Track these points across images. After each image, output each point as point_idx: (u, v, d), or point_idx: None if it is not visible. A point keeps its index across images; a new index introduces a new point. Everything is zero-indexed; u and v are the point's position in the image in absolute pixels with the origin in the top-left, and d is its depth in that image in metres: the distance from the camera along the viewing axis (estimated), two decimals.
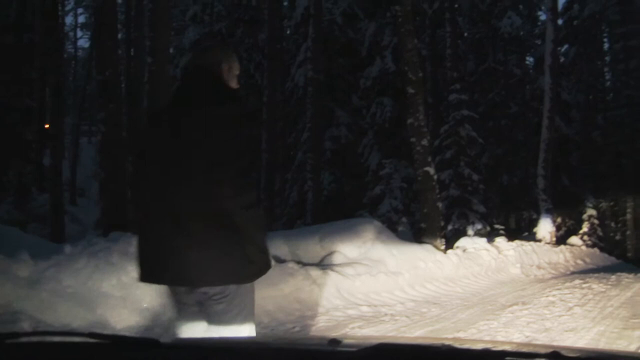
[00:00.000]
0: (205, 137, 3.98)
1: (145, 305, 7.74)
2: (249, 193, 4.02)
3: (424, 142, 16.52)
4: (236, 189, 3.92)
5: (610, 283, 13.50)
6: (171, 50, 25.10)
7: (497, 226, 28.98)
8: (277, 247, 12.05)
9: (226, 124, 4.01)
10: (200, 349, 2.42)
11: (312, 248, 12.45)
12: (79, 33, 62.30)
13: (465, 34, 40.13)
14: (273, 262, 4.63)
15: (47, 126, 28.75)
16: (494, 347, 2.97)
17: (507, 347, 2.84)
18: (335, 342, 2.36)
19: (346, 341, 2.47)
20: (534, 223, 29.71)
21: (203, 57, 4.38)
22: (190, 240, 3.89)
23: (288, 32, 37.25)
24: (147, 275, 4.17)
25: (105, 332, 4.45)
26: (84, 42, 59.74)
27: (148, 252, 4.13)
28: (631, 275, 15.53)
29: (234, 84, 4.34)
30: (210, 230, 3.92)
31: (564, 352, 2.07)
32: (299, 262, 10.54)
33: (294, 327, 8.55)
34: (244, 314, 4.17)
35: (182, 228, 3.92)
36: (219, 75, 4.26)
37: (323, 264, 11.41)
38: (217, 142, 3.96)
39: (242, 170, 4.02)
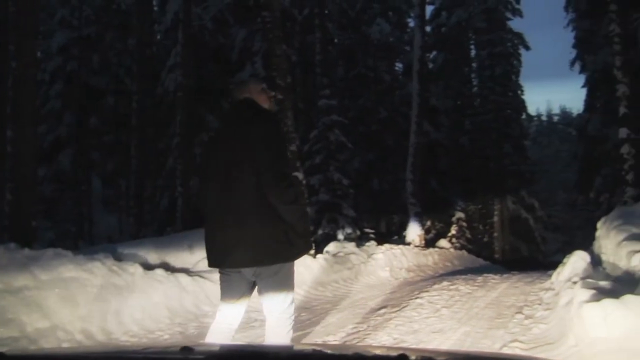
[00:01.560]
0: (251, 149, 5.12)
1: (10, 316, 7.56)
2: (289, 192, 5.12)
3: (293, 147, 16.57)
4: (278, 189, 5.04)
5: (477, 284, 13.73)
6: (38, 54, 24.54)
7: (367, 230, 29.16)
8: (147, 254, 11.96)
9: (262, 137, 5.15)
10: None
11: (181, 254, 12.39)
12: None
13: (335, 40, 40.39)
14: (312, 245, 6.04)
15: None
16: (347, 351, 3.00)
17: (361, 351, 2.88)
18: (187, 349, 2.37)
19: (198, 349, 2.48)
20: (404, 227, 30.07)
21: (236, 92, 5.74)
22: (246, 231, 5.10)
23: (159, 37, 36.90)
24: (214, 262, 5.41)
25: None
26: None
27: (213, 244, 5.35)
28: (497, 276, 15.83)
29: (264, 104, 5.60)
30: (261, 223, 5.09)
31: (411, 354, 2.12)
32: (168, 269, 10.47)
33: (162, 335, 8.49)
34: (288, 287, 5.38)
35: (240, 222, 5.12)
36: (248, 100, 5.53)
37: (192, 271, 11.35)
38: (262, 153, 5.08)
39: (282, 173, 5.13)
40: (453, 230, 39.96)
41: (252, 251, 5.14)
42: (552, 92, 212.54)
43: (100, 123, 36.02)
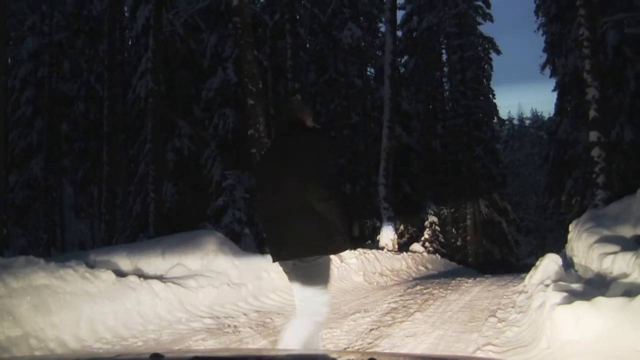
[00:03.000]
0: (294, 157, 5.68)
1: None
2: (324, 190, 5.56)
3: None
4: (314, 188, 5.51)
5: (450, 288, 13.77)
6: (8, 61, 24.37)
7: None
8: (119, 261, 11.90)
9: (306, 148, 5.71)
10: None
11: (154, 261, 12.31)
12: None
13: (307, 45, 40.38)
14: (349, 244, 6.10)
15: None
16: (320, 356, 3.00)
17: (333, 355, 2.88)
18: (157, 356, 2.37)
19: (168, 355, 2.47)
20: (377, 231, 30.09)
21: (286, 108, 6.26)
22: (292, 227, 5.61)
23: (130, 43, 36.77)
24: (274, 257, 5.90)
25: None
26: None
27: (271, 241, 5.95)
28: (470, 280, 15.88)
29: (308, 121, 6.06)
30: (303, 219, 5.57)
31: (382, 359, 2.12)
32: (141, 276, 10.39)
33: (136, 342, 8.44)
34: (324, 279, 5.83)
35: (287, 219, 5.63)
36: (297, 117, 6.02)
37: (165, 277, 11.29)
38: (302, 159, 5.62)
39: (318, 176, 5.57)
40: (426, 234, 40.04)
41: (294, 246, 5.67)
42: (523, 95, 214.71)
43: (71, 129, 35.92)
